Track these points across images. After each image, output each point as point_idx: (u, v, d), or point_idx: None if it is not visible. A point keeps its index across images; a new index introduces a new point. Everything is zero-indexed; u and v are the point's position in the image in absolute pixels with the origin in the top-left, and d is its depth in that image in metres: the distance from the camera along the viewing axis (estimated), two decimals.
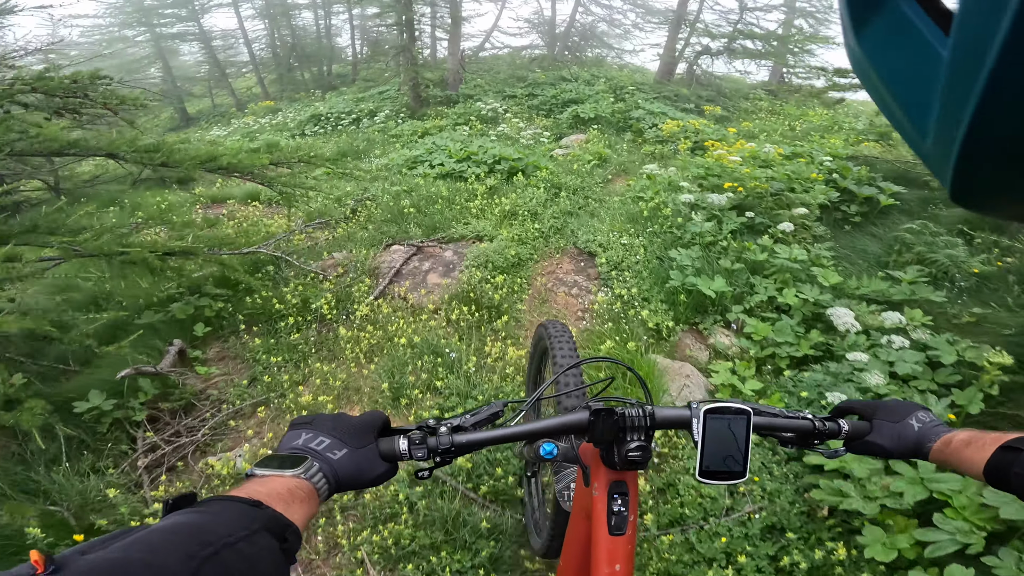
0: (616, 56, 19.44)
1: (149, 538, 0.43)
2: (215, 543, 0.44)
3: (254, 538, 0.48)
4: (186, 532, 0.45)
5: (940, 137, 0.23)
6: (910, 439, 0.82)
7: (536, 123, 9.91)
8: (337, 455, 0.69)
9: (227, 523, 0.48)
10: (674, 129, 7.51)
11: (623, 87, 11.94)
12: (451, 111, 11.06)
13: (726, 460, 0.79)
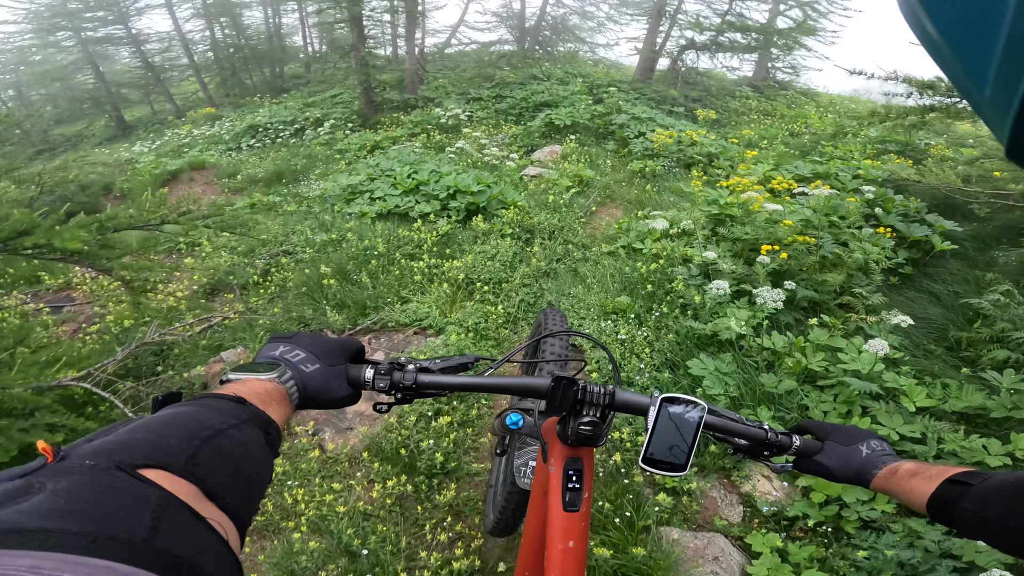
0: (589, 51, 18.33)
1: (150, 423, 0.45)
2: (213, 427, 0.47)
3: (243, 427, 0.51)
4: (184, 419, 0.47)
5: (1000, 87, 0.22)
6: (854, 464, 0.81)
7: (504, 131, 8.73)
8: (309, 368, 0.71)
9: (217, 414, 0.50)
10: (666, 141, 6.40)
11: (600, 85, 10.82)
12: (408, 118, 9.80)
13: (672, 451, 0.79)
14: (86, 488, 0.34)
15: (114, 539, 0.30)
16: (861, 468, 0.81)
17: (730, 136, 7.98)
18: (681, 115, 8.40)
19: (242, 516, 0.44)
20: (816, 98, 12.98)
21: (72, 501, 0.32)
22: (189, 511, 0.37)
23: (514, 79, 11.28)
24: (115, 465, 0.37)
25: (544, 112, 8.33)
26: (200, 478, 0.41)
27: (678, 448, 0.80)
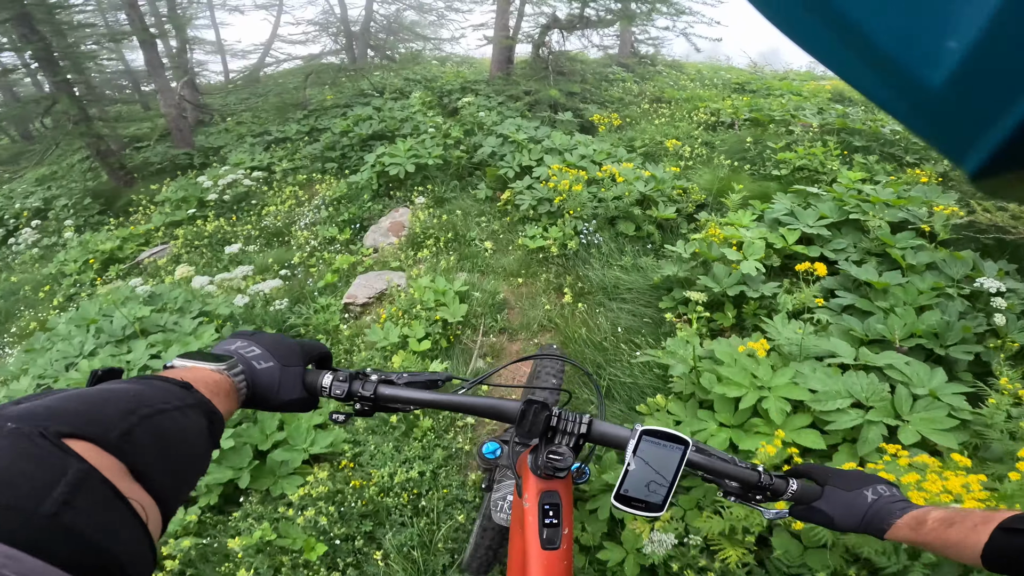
0: (435, 48, 15.54)
1: (87, 393, 0.42)
2: (153, 405, 0.44)
3: (187, 411, 0.48)
4: (125, 393, 0.44)
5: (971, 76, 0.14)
6: (860, 513, 0.74)
7: (321, 192, 5.63)
8: (262, 365, 0.67)
9: (159, 394, 0.47)
10: (571, 182, 3.76)
11: (451, 91, 8.03)
12: (167, 192, 6.28)
13: (649, 488, 0.73)
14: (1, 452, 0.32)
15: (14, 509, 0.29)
16: (872, 516, 0.73)
17: (638, 142, 5.58)
18: (570, 124, 5.83)
19: (169, 501, 0.42)
20: (683, 70, 11.37)
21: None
22: (110, 488, 0.35)
23: (333, 101, 8.11)
24: (38, 431, 0.34)
25: (377, 150, 5.34)
26: (131, 455, 0.38)
27: (656, 485, 0.73)
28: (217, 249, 5.27)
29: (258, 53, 18.53)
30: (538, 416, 0.76)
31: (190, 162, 7.63)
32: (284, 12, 18.35)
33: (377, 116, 6.30)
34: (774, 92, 8.39)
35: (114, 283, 5.31)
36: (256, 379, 0.66)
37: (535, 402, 0.77)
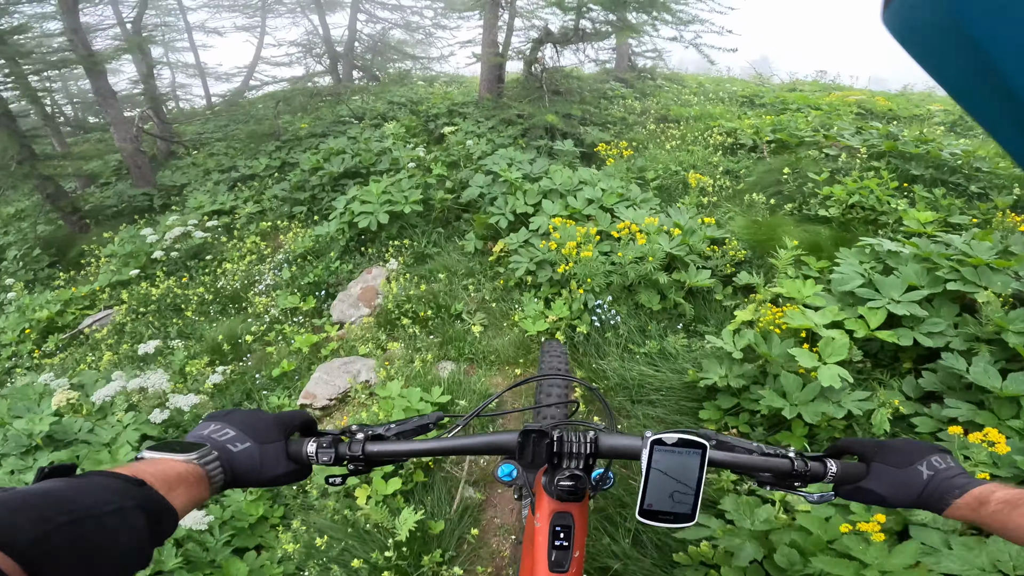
0: (423, 68, 14.91)
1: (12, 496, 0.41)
2: (77, 511, 0.43)
3: (125, 513, 0.47)
4: (51, 496, 0.43)
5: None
6: (915, 489, 0.68)
7: (286, 245, 4.89)
8: (238, 447, 0.66)
9: (97, 495, 0.46)
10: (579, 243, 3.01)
11: (437, 115, 7.31)
12: (122, 236, 5.54)
13: (674, 498, 0.70)
14: None
15: None
16: (930, 493, 0.67)
17: (650, 174, 4.84)
18: (570, 153, 5.08)
19: None
20: (683, 83, 10.70)
21: None
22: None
23: (308, 130, 7.39)
24: None
25: (349, 191, 4.60)
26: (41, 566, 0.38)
27: (681, 494, 0.69)
28: (167, 316, 4.51)
29: (242, 76, 17.97)
30: (538, 445, 0.74)
31: (149, 203, 6.90)
32: (267, 33, 17.80)
33: (352, 148, 5.56)
34: (789, 106, 7.70)
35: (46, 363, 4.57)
36: (234, 461, 0.65)
37: (531, 431, 0.74)
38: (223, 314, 4.44)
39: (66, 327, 4.94)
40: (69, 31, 6.14)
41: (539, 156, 4.84)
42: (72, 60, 6.23)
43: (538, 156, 4.81)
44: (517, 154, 4.55)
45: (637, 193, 3.92)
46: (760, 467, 0.74)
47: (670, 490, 0.69)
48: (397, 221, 4.16)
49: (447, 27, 14.26)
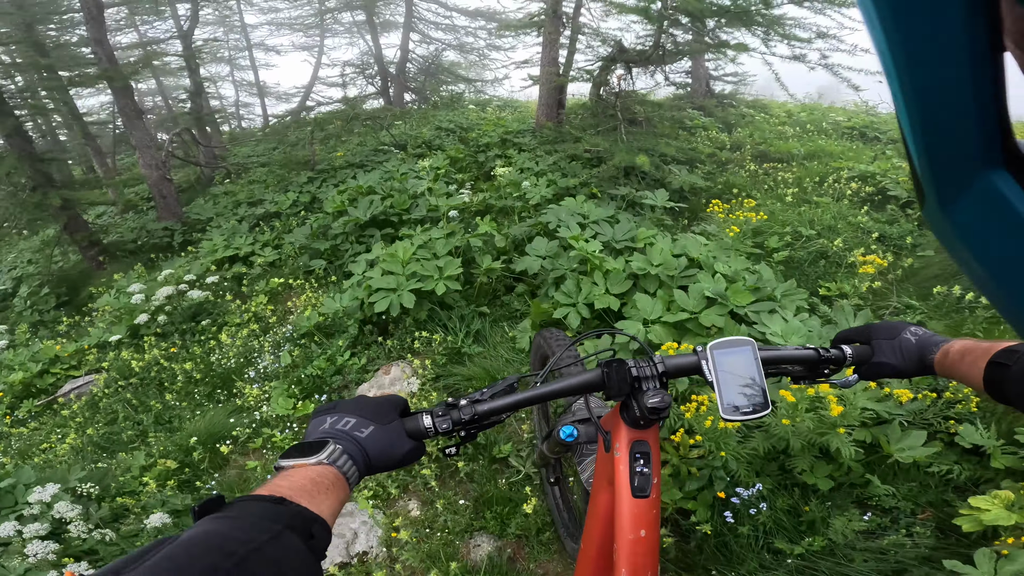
0: (477, 91, 14.16)
1: (175, 553, 0.42)
2: (239, 551, 0.43)
3: (280, 539, 0.47)
4: (210, 544, 0.44)
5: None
6: (912, 352, 0.81)
7: (296, 311, 3.94)
8: (364, 432, 0.67)
9: (251, 527, 0.47)
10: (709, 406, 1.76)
11: (488, 146, 6.30)
12: (118, 288, 4.80)
13: (746, 393, 0.78)
14: None
15: None
16: (920, 356, 0.80)
17: (772, 241, 3.55)
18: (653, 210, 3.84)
19: None
20: (768, 111, 9.23)
21: None
22: None
23: (344, 159, 6.56)
24: None
25: (375, 248, 3.60)
26: None
27: (751, 389, 0.78)
28: (148, 394, 3.65)
29: (300, 96, 17.93)
30: (620, 372, 0.80)
31: (169, 240, 6.23)
32: (324, 53, 17.66)
33: (383, 188, 4.59)
34: None
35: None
36: (367, 448, 0.65)
37: (612, 362, 0.81)
38: (210, 400, 3.52)
39: (44, 391, 4.20)
40: (93, 42, 5.59)
41: (620, 209, 3.67)
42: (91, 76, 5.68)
43: (619, 209, 3.64)
44: (591, 207, 3.39)
45: (770, 278, 2.66)
46: (797, 359, 0.85)
47: (739, 386, 0.77)
48: (427, 302, 3.09)
49: (501, 48, 13.49)
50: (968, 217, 0.22)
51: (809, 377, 0.87)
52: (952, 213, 0.23)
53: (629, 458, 0.83)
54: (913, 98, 0.21)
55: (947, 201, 0.23)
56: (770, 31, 4.82)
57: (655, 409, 0.77)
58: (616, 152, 4.17)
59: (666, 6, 5.07)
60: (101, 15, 5.60)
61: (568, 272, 2.86)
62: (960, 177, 0.22)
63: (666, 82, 6.88)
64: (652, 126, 6.16)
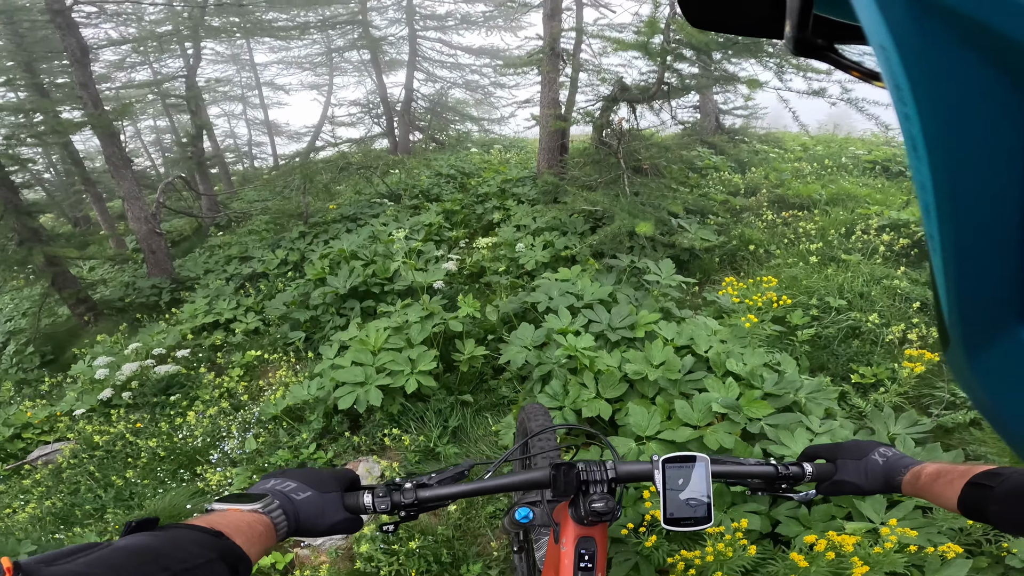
0: (483, 130, 14.08)
1: (111, 557, 0.44)
2: (173, 567, 0.46)
3: (211, 565, 0.50)
4: (145, 554, 0.46)
5: None
6: (878, 473, 0.82)
7: (269, 390, 3.62)
8: (300, 496, 0.71)
9: (185, 549, 0.49)
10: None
11: (489, 195, 6.02)
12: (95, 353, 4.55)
13: (690, 505, 0.81)
14: None
15: None
16: (886, 477, 0.81)
17: (797, 316, 3.13)
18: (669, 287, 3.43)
19: None
20: (783, 145, 8.83)
21: None
22: None
23: (338, 211, 6.33)
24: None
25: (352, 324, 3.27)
26: None
27: (696, 501, 0.81)
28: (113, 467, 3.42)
29: (309, 136, 18.11)
30: (568, 475, 0.82)
31: (157, 299, 6.02)
32: (334, 92, 17.83)
33: (368, 252, 4.29)
34: None
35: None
36: (298, 510, 0.69)
37: (562, 464, 0.83)
38: (174, 478, 3.26)
39: (13, 456, 4.02)
40: (79, 86, 5.49)
41: (620, 283, 3.29)
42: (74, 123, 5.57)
43: (620, 279, 3.26)
44: (586, 283, 3.02)
45: (794, 377, 2.23)
46: (753, 474, 0.87)
47: (686, 499, 0.80)
48: (398, 397, 2.72)
49: (506, 86, 13.40)
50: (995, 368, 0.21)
51: (766, 490, 0.89)
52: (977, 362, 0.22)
53: (575, 553, 0.86)
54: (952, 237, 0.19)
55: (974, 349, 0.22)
56: (783, 62, 4.48)
57: (598, 512, 0.80)
58: (618, 213, 3.81)
59: (668, 40, 4.78)
60: (86, 58, 5.52)
61: (556, 368, 2.47)
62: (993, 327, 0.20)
63: (673, 120, 6.55)
64: (659, 172, 5.82)
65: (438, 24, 13.74)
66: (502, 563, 2.18)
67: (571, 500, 0.88)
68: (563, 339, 2.45)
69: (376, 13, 13.35)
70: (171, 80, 12.68)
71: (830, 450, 0.89)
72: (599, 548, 0.87)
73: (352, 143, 13.99)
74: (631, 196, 4.42)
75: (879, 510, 1.59)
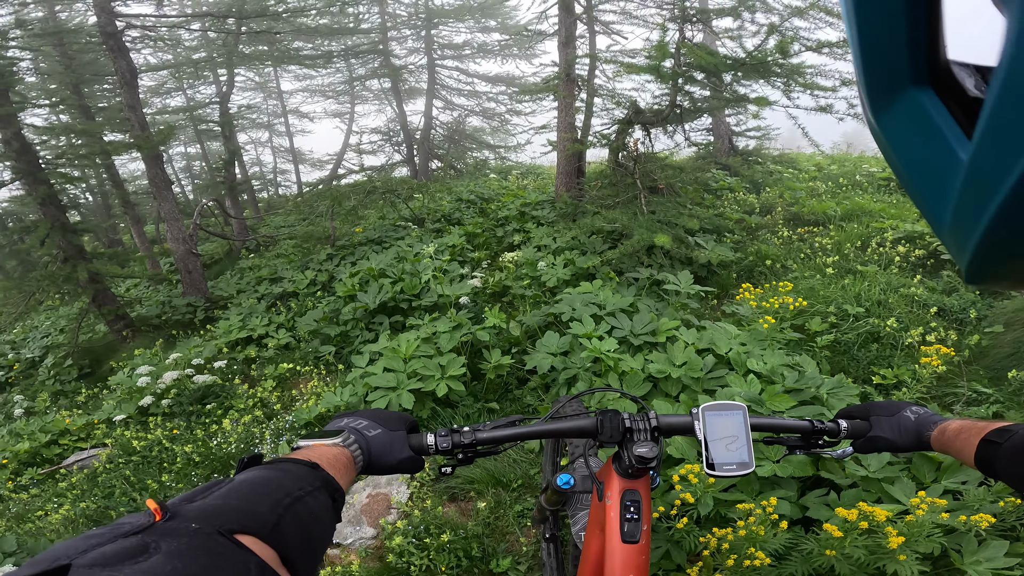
0: (500, 157, 14.44)
1: (240, 487, 0.49)
2: (291, 495, 0.51)
3: (316, 494, 0.55)
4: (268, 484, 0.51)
5: (957, 227, 0.24)
6: (910, 429, 0.85)
7: (301, 401, 3.77)
8: (372, 433, 0.77)
9: (295, 479, 0.54)
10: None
11: (508, 219, 6.22)
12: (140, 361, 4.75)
13: (731, 451, 0.82)
14: (196, 552, 0.37)
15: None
16: (917, 432, 0.84)
17: (815, 323, 3.19)
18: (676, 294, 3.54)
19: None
20: (797, 165, 8.93)
21: (187, 564, 0.35)
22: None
23: (363, 235, 6.60)
24: (216, 530, 0.40)
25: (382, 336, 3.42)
26: (282, 545, 0.45)
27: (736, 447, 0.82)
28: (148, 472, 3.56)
29: (331, 163, 18.72)
30: (614, 421, 0.86)
31: (192, 317, 6.28)
32: (355, 120, 18.32)
33: (395, 270, 4.48)
34: None
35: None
36: (370, 445, 0.75)
37: (607, 411, 0.87)
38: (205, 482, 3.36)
39: (48, 461, 4.18)
40: (127, 108, 5.85)
41: (641, 292, 3.40)
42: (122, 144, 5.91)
43: (640, 292, 3.38)
44: (608, 294, 3.15)
45: (814, 373, 2.31)
46: (791, 428, 0.91)
47: (725, 446, 0.82)
48: (428, 401, 2.84)
49: (522, 113, 13.80)
50: (896, 126, 0.25)
51: (803, 447, 0.91)
52: (882, 121, 0.26)
53: (620, 506, 0.88)
54: (856, 14, 0.24)
55: (879, 110, 0.26)
56: (790, 81, 4.63)
57: (643, 458, 0.81)
58: (635, 229, 3.95)
59: (679, 63, 4.98)
60: (135, 80, 5.89)
61: (581, 372, 2.58)
62: (892, 90, 0.25)
63: (687, 142, 6.73)
64: (675, 192, 5.96)
65: (455, 53, 14.25)
66: (530, 559, 2.25)
67: (615, 455, 0.91)
68: (588, 343, 2.56)
69: (396, 43, 13.93)
70: (204, 107, 13.32)
71: (863, 409, 0.91)
72: (644, 499, 0.89)
73: (373, 171, 14.49)
74: (648, 214, 4.57)
75: (909, 493, 1.65)
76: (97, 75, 8.10)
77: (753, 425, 0.85)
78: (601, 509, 0.94)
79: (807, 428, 0.89)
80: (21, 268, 8.68)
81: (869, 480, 1.75)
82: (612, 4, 7.45)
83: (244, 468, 0.56)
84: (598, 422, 0.85)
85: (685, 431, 0.86)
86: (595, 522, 1.02)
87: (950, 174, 0.23)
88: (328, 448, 0.67)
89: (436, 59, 14.01)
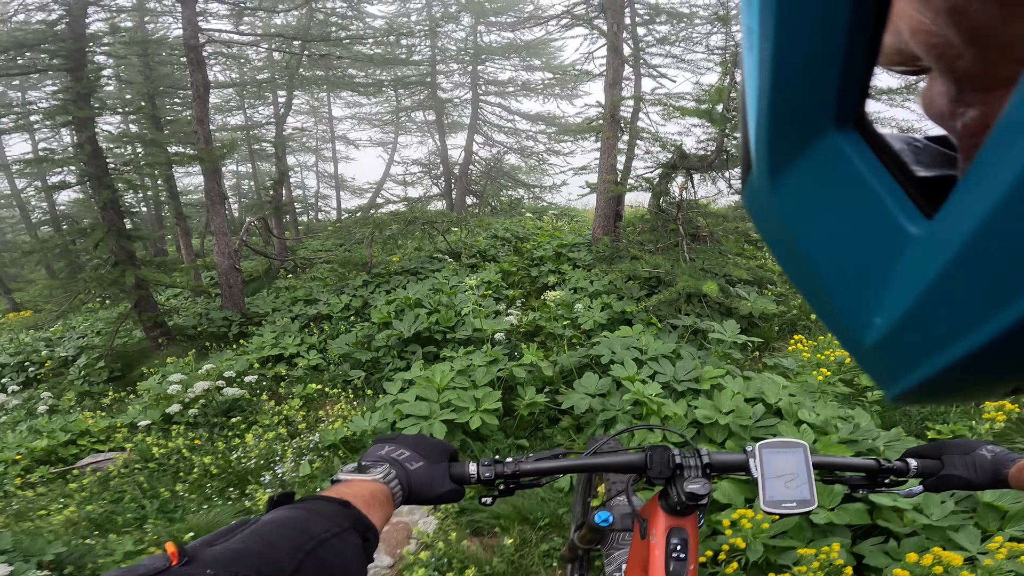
0: (535, 197, 14.64)
1: (262, 530, 0.48)
2: (316, 538, 0.50)
3: (345, 535, 0.54)
4: (293, 526, 0.50)
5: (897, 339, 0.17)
6: (987, 468, 0.82)
7: (327, 422, 3.76)
8: (414, 466, 0.75)
9: (323, 520, 0.53)
10: None
11: (542, 260, 6.22)
12: (171, 370, 4.83)
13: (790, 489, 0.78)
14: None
15: None
16: (994, 471, 0.81)
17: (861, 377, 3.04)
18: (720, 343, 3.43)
19: None
20: None
21: None
22: None
23: (399, 265, 6.70)
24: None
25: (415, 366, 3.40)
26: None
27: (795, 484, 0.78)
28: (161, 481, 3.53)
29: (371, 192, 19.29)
30: (663, 457, 0.82)
31: (226, 330, 6.40)
32: (397, 150, 18.77)
33: (432, 301, 4.50)
34: None
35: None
36: (411, 479, 0.73)
37: (656, 447, 0.84)
38: (221, 496, 3.33)
39: (63, 461, 4.16)
40: (196, 121, 6.13)
41: (682, 339, 3.31)
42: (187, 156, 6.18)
43: (681, 339, 3.29)
44: (649, 339, 3.07)
45: (869, 426, 2.15)
46: (855, 467, 0.86)
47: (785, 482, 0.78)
48: (460, 432, 2.78)
49: (560, 153, 14.06)
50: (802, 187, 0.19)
51: (868, 487, 0.87)
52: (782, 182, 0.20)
53: (666, 544, 0.85)
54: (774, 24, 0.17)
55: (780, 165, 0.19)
56: None
57: (694, 495, 0.78)
58: (679, 275, 3.89)
59: (729, 107, 4.99)
60: (207, 94, 6.20)
61: (620, 415, 2.49)
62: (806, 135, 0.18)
63: (729, 189, 6.67)
64: (716, 241, 5.89)
65: (499, 89, 14.70)
66: None
67: (662, 492, 0.88)
68: (631, 386, 2.48)
69: (443, 76, 14.51)
70: (260, 127, 13.99)
71: (933, 448, 0.87)
72: (691, 539, 0.85)
73: (410, 202, 14.87)
74: (690, 261, 4.51)
75: (974, 541, 1.53)
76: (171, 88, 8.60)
77: (815, 464, 0.82)
78: (644, 547, 0.91)
79: (873, 467, 0.84)
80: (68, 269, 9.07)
81: (931, 528, 1.64)
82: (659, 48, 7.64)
83: (273, 507, 0.56)
84: (647, 457, 0.82)
85: (738, 469, 0.83)
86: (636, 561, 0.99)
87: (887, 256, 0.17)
88: (366, 484, 0.66)
89: (480, 94, 14.47)
